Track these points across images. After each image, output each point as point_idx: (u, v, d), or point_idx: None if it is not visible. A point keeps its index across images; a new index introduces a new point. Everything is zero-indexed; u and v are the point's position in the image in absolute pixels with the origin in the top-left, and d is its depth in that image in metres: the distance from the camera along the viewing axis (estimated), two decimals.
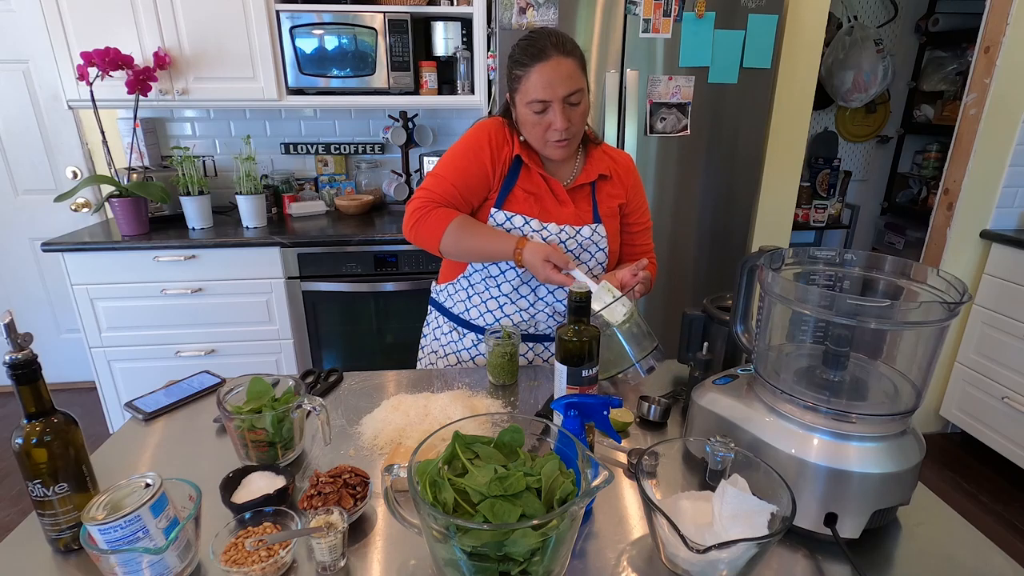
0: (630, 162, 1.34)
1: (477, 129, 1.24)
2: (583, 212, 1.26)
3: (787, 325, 0.84)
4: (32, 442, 0.69)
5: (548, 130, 1.15)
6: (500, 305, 1.29)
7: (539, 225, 1.21)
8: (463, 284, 1.32)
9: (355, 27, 2.18)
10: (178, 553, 0.68)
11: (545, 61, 1.10)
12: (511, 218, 1.21)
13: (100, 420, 2.41)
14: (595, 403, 0.80)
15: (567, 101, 1.13)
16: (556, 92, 1.11)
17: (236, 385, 0.92)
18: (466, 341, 1.34)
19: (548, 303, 1.28)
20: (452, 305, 1.36)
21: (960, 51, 3.21)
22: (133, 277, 2.15)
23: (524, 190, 1.23)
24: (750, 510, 0.69)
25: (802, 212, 3.44)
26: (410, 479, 0.62)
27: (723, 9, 2.03)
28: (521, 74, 1.13)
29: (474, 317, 1.32)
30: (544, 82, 1.10)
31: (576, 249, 1.25)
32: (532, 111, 1.14)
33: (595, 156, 1.28)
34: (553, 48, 1.11)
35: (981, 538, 0.78)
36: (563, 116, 1.13)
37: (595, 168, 1.26)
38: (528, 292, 1.27)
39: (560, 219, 1.23)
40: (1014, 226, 2.38)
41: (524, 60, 1.12)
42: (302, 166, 2.73)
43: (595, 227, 1.25)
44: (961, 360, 2.49)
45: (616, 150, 1.34)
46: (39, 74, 2.56)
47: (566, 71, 1.11)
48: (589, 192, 1.28)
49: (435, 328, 1.41)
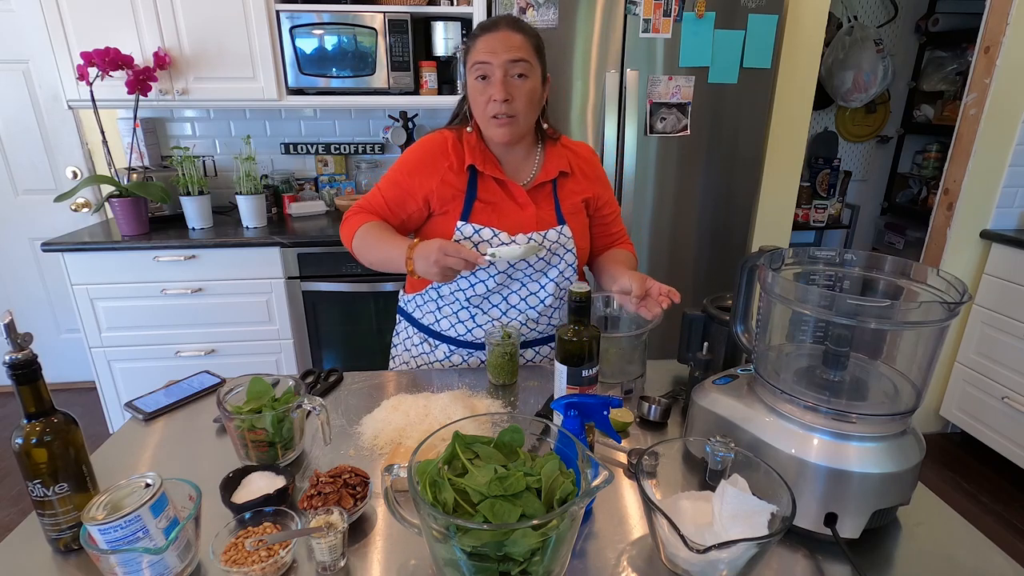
0: (591, 153, 1.33)
1: (417, 143, 1.25)
2: (545, 213, 1.24)
3: (787, 325, 0.84)
4: (32, 442, 0.69)
5: (489, 102, 1.13)
6: (472, 315, 1.26)
7: (507, 238, 1.19)
8: (432, 295, 1.29)
9: (355, 27, 2.18)
10: (178, 553, 0.68)
11: (494, 31, 1.11)
12: (479, 230, 1.19)
13: (100, 420, 2.41)
14: (595, 403, 0.80)
15: (510, 72, 1.11)
16: (498, 56, 1.10)
17: (236, 385, 0.92)
18: (438, 353, 1.31)
19: (521, 311, 1.25)
20: (421, 316, 1.33)
21: (960, 51, 3.21)
22: (133, 277, 2.15)
23: (481, 201, 1.21)
24: (750, 510, 0.69)
25: (802, 212, 3.44)
26: (410, 479, 0.62)
27: (723, 9, 2.03)
28: (471, 44, 1.14)
29: (445, 328, 1.29)
30: (488, 47, 1.11)
31: (545, 255, 1.23)
32: (475, 77, 1.13)
33: (554, 153, 1.26)
34: (504, 22, 1.12)
35: (981, 538, 0.78)
36: (503, 84, 1.11)
37: (554, 165, 1.24)
38: (500, 301, 1.25)
39: (525, 227, 1.21)
40: (1014, 226, 2.38)
41: (476, 32, 1.14)
42: (302, 166, 2.73)
43: (560, 228, 1.23)
44: (961, 360, 2.49)
45: (576, 142, 1.32)
46: (39, 74, 2.56)
47: (513, 42, 1.11)
48: (550, 191, 1.25)
49: (405, 339, 1.38)
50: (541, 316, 1.26)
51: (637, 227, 2.26)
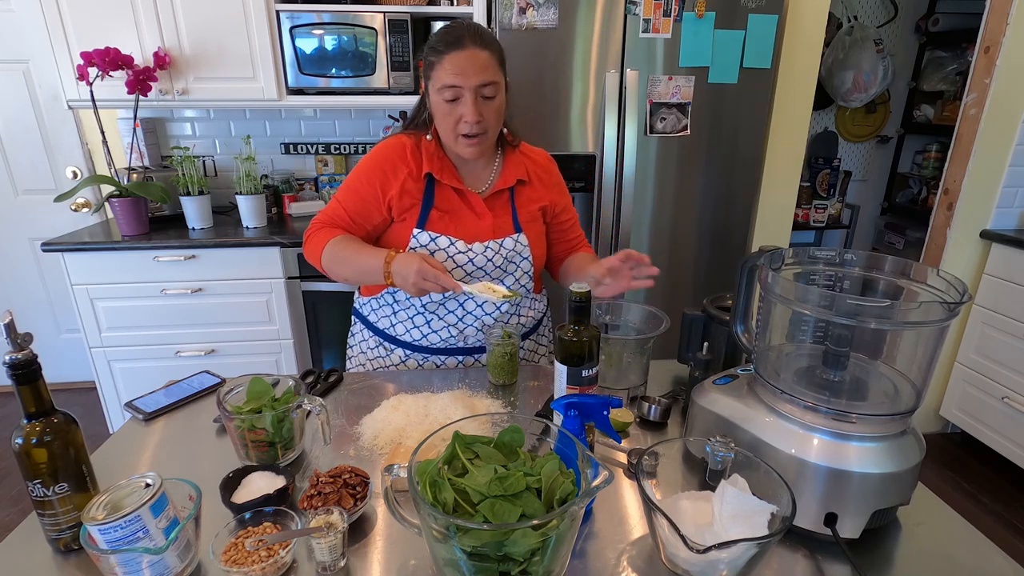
0: (549, 160, 1.33)
1: (375, 150, 1.22)
2: (502, 222, 1.23)
3: (787, 325, 0.84)
4: (32, 442, 0.69)
5: (459, 122, 1.12)
6: (427, 320, 1.26)
7: (464, 246, 1.19)
8: (387, 300, 1.28)
9: (355, 27, 2.18)
10: (178, 553, 0.68)
11: (460, 49, 1.08)
12: (435, 239, 1.18)
13: (100, 420, 2.41)
14: (595, 403, 0.80)
15: (480, 93, 1.10)
16: (469, 80, 1.08)
17: (236, 385, 0.92)
18: (393, 357, 1.31)
19: (477, 316, 1.25)
20: (377, 320, 1.32)
21: (960, 51, 3.21)
22: (133, 277, 2.15)
23: (438, 209, 1.20)
24: (750, 510, 0.69)
25: (802, 212, 3.44)
26: (410, 479, 0.62)
27: (723, 9, 2.03)
28: (435, 60, 1.10)
29: (400, 333, 1.29)
30: (457, 69, 1.08)
31: (502, 263, 1.23)
32: (444, 99, 1.11)
33: (512, 160, 1.26)
34: (469, 38, 1.09)
35: (981, 538, 0.78)
36: (475, 108, 1.10)
37: (512, 173, 1.24)
38: (456, 306, 1.24)
39: (481, 235, 1.21)
40: (1014, 226, 2.38)
41: (439, 47, 1.10)
42: (302, 166, 2.73)
43: (517, 237, 1.23)
44: (961, 360, 2.49)
45: (534, 149, 1.32)
46: (39, 74, 2.56)
47: (481, 62, 1.09)
48: (508, 199, 1.25)
49: (360, 341, 1.36)
50: (497, 322, 1.27)
51: (637, 227, 2.26)
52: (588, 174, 2.18)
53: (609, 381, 1.13)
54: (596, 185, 2.17)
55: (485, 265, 1.21)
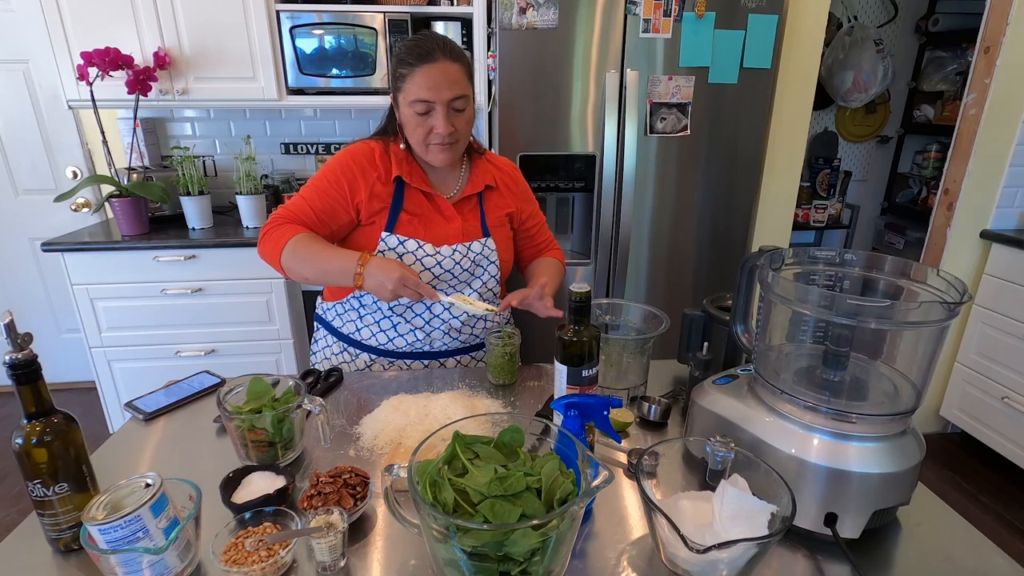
0: (514, 168, 1.36)
1: (343, 152, 1.22)
2: (471, 226, 1.25)
3: (787, 325, 0.84)
4: (32, 442, 0.69)
5: (431, 133, 1.14)
6: (394, 324, 1.26)
7: (432, 249, 1.19)
8: (353, 304, 1.28)
9: (355, 27, 2.18)
10: (178, 553, 0.68)
11: (431, 63, 1.09)
12: (404, 242, 1.18)
13: (100, 420, 2.41)
14: (595, 403, 0.80)
15: (452, 106, 1.12)
16: (441, 95, 1.10)
17: (236, 385, 0.92)
18: (358, 362, 1.31)
19: (444, 320, 1.25)
20: (341, 325, 1.32)
21: (960, 51, 3.21)
22: (133, 277, 2.15)
23: (407, 212, 1.21)
24: (750, 510, 0.69)
25: (802, 212, 3.44)
26: (410, 479, 0.62)
27: (723, 9, 2.03)
28: (406, 72, 1.11)
29: (366, 337, 1.29)
30: (429, 83, 1.09)
31: (470, 267, 1.24)
32: (415, 112, 1.12)
33: (480, 167, 1.28)
34: (440, 51, 1.10)
35: (981, 538, 0.78)
36: (446, 121, 1.12)
37: (480, 179, 1.26)
38: (423, 310, 1.24)
39: (450, 238, 1.21)
40: (1014, 226, 2.38)
41: (410, 60, 1.10)
42: (302, 166, 2.73)
43: (485, 241, 1.24)
44: (961, 360, 2.49)
45: (500, 158, 1.35)
46: (39, 74, 2.56)
47: (452, 75, 1.10)
48: (476, 204, 1.27)
49: (324, 347, 1.36)
50: (464, 326, 1.27)
51: (637, 227, 2.26)
52: (588, 174, 2.17)
53: (609, 381, 1.13)
54: (596, 185, 2.17)
55: (453, 268, 1.22)
